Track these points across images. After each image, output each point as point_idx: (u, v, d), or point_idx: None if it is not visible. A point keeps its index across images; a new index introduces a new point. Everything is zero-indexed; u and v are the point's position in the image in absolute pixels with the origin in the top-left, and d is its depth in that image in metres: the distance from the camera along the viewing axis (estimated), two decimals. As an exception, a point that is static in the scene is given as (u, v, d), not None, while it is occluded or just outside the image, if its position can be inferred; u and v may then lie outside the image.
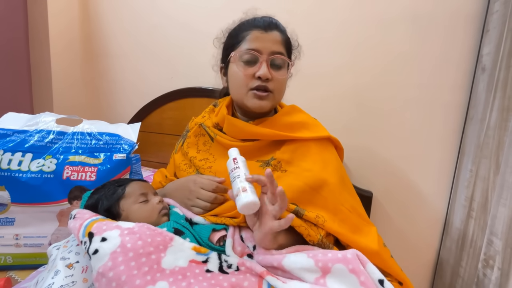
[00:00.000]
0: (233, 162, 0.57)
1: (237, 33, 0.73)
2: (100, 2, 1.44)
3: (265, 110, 0.72)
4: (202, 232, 0.60)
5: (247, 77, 0.70)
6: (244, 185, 0.52)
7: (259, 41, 0.69)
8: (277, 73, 0.71)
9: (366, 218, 0.70)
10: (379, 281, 0.47)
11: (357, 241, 0.60)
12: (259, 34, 0.70)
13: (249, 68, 0.70)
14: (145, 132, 1.35)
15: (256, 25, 0.71)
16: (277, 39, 0.71)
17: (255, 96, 0.70)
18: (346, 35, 1.12)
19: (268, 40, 0.70)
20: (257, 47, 0.69)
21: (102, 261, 0.46)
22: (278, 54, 0.70)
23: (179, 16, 1.32)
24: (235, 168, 0.56)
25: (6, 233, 0.75)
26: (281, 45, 0.72)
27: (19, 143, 0.76)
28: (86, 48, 1.49)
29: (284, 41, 0.73)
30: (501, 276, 0.79)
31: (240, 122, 0.72)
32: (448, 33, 1.02)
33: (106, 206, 0.61)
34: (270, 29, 0.71)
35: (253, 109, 0.72)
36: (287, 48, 0.75)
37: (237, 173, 0.55)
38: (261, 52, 0.69)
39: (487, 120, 0.90)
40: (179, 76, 1.36)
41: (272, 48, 0.69)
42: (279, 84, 0.72)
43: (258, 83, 0.69)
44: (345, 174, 0.75)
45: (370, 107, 1.12)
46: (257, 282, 0.50)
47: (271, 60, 0.70)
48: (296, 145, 0.70)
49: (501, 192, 0.81)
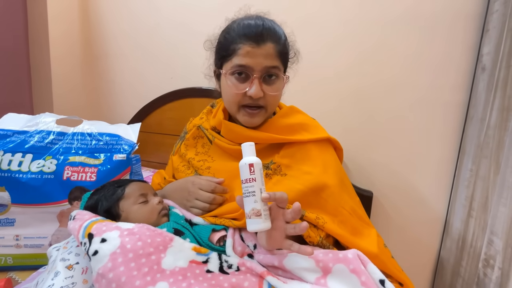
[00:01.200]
0: (249, 170, 0.50)
1: (229, 43, 0.67)
2: (99, 4, 1.44)
3: (256, 125, 0.71)
4: (202, 232, 0.60)
5: (238, 95, 0.67)
6: (259, 209, 0.48)
7: (251, 56, 0.64)
8: (271, 88, 0.67)
9: (366, 220, 0.70)
10: (380, 281, 0.47)
11: (357, 244, 0.60)
12: (250, 49, 0.64)
13: (240, 85, 0.66)
14: (145, 132, 1.35)
15: (247, 36, 0.64)
16: (270, 53, 0.65)
17: (246, 114, 0.69)
18: (346, 36, 1.11)
19: (260, 55, 0.64)
20: (248, 64, 0.64)
21: (102, 262, 0.46)
22: (271, 69, 0.66)
23: (178, 16, 1.32)
24: (250, 180, 0.49)
25: (7, 234, 0.75)
26: (275, 58, 0.66)
27: (19, 143, 0.76)
28: (86, 49, 1.49)
29: (279, 52, 0.66)
30: (502, 275, 0.78)
31: (237, 127, 0.72)
32: (448, 33, 1.02)
33: (106, 207, 0.61)
34: (262, 41, 0.64)
35: (245, 124, 0.71)
36: (283, 58, 0.69)
37: (253, 188, 0.49)
38: (253, 69, 0.65)
39: (487, 119, 0.90)
40: (178, 77, 1.36)
41: (265, 64, 0.64)
42: (272, 99, 0.69)
43: (249, 101, 0.67)
44: (345, 175, 0.75)
45: (370, 107, 1.12)
46: (258, 282, 0.50)
47: (264, 76, 0.66)
48: (295, 148, 0.70)
49: (501, 191, 0.81)
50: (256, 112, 0.69)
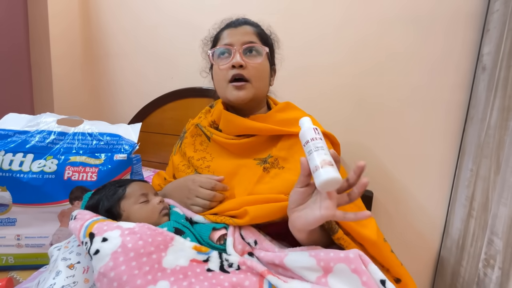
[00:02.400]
0: (314, 131, 0.51)
1: (215, 37, 0.78)
2: (100, 3, 1.44)
3: (245, 101, 0.72)
4: (202, 231, 0.60)
5: (224, 70, 0.72)
6: (330, 160, 0.47)
7: (231, 36, 0.73)
8: (252, 59, 0.72)
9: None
10: (381, 282, 0.47)
11: (357, 229, 0.59)
12: (230, 31, 0.74)
13: (225, 61, 0.72)
14: (146, 132, 1.35)
15: (228, 24, 0.77)
16: (248, 31, 0.74)
17: (233, 88, 0.71)
18: (346, 34, 1.12)
19: (238, 33, 0.73)
20: (229, 41, 0.72)
21: (103, 261, 0.46)
22: (250, 43, 0.72)
23: (179, 15, 1.32)
24: (316, 138, 0.50)
25: (8, 234, 0.75)
26: (253, 35, 0.74)
27: (20, 143, 0.76)
28: (86, 49, 1.49)
29: (257, 32, 0.75)
30: (502, 275, 0.78)
31: (236, 117, 0.73)
32: (448, 33, 1.02)
33: (107, 206, 0.62)
34: (239, 24, 0.75)
35: (233, 101, 0.72)
36: (261, 38, 0.76)
37: (321, 144, 0.49)
38: (233, 45, 0.72)
39: (487, 119, 0.90)
40: (179, 76, 1.36)
41: (243, 39, 0.72)
42: (255, 71, 0.72)
43: (233, 72, 0.70)
44: (342, 168, 0.75)
45: (370, 106, 1.12)
46: (258, 281, 0.50)
47: (244, 49, 0.72)
48: (292, 141, 0.71)
49: (501, 191, 0.81)
50: (242, 85, 0.71)
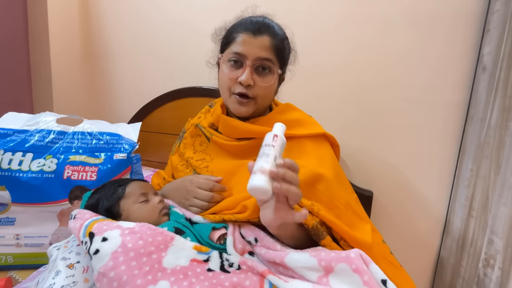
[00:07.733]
0: (272, 138, 0.51)
1: (230, 33, 0.73)
2: (100, 1, 1.43)
3: (245, 115, 0.72)
4: (202, 231, 0.60)
5: (231, 80, 0.70)
6: (265, 168, 0.47)
7: (246, 45, 0.68)
8: (262, 79, 0.69)
9: (362, 216, 0.70)
10: (381, 281, 0.47)
11: (350, 233, 0.59)
12: (247, 38, 0.68)
13: (234, 71, 0.70)
14: (146, 131, 1.35)
15: (246, 27, 0.69)
16: (265, 44, 0.68)
17: (236, 101, 0.71)
18: (347, 34, 1.11)
19: (255, 45, 0.68)
20: (243, 52, 0.68)
21: (103, 261, 0.46)
22: (264, 60, 0.68)
23: (179, 15, 1.32)
24: (269, 145, 0.51)
25: (7, 233, 0.75)
26: (270, 50, 0.69)
27: (20, 142, 0.76)
28: (86, 47, 1.49)
29: (274, 46, 0.70)
30: (502, 275, 0.79)
31: (234, 121, 0.73)
32: (449, 33, 1.02)
33: (107, 206, 0.61)
34: (259, 33, 0.68)
35: (234, 113, 0.72)
36: (278, 53, 0.71)
37: (269, 152, 0.50)
38: (246, 57, 0.68)
39: (487, 119, 0.90)
40: (179, 76, 1.36)
41: (258, 54, 0.68)
42: (262, 90, 0.70)
43: (240, 89, 0.69)
44: (341, 170, 0.75)
45: (370, 106, 1.12)
46: (259, 281, 0.50)
47: (256, 65, 0.69)
48: (291, 143, 0.70)
49: (501, 191, 0.81)
50: (245, 102, 0.70)
